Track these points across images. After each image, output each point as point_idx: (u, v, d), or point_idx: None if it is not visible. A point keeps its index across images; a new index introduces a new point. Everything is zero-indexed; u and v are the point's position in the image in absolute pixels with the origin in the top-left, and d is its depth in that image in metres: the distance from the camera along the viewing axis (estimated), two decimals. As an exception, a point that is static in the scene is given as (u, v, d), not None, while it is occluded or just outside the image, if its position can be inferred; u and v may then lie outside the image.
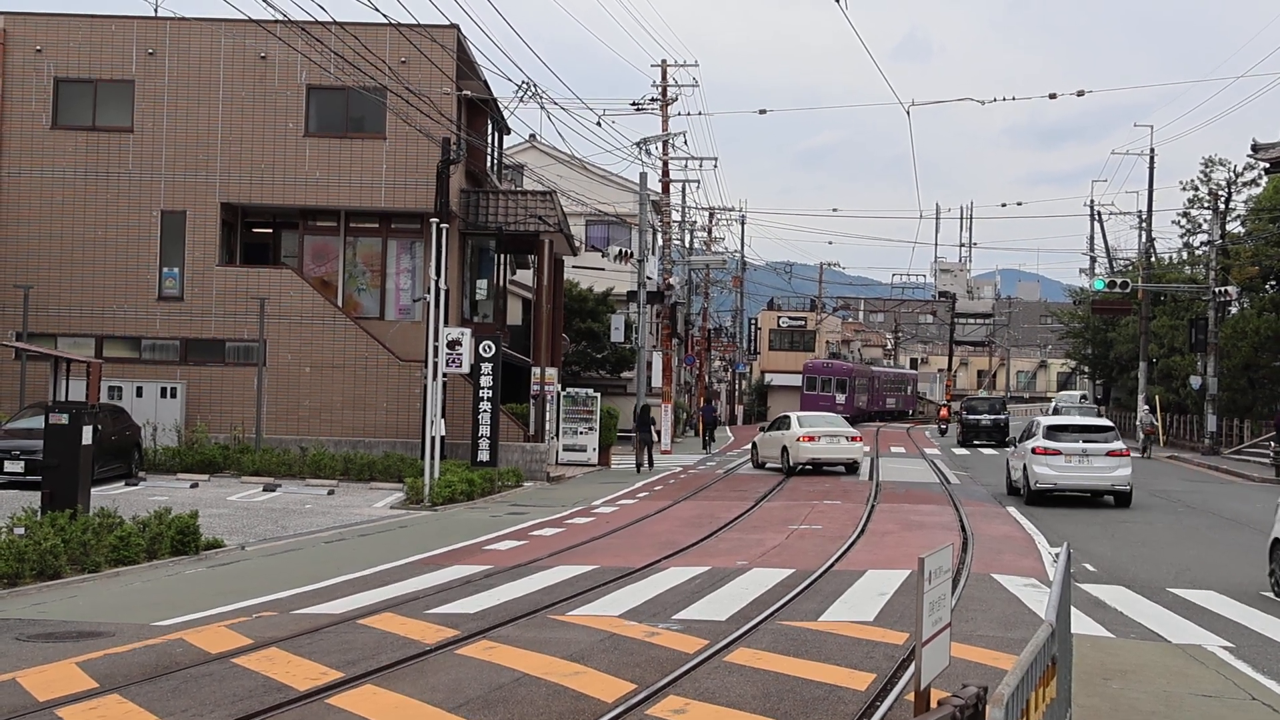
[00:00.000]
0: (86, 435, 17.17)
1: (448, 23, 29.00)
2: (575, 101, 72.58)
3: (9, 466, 23.26)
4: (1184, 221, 55.77)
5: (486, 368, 28.74)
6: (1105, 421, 29.01)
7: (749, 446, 37.97)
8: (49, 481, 17.03)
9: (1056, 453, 24.82)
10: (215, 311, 30.34)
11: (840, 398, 71.17)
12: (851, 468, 33.02)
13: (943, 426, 60.27)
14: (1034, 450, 25.22)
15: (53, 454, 17.02)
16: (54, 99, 30.61)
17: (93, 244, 30.34)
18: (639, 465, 34.18)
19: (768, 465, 34.88)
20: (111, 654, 10.02)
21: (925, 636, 5.84)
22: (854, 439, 33.39)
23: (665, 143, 45.25)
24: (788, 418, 35.09)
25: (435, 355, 25.05)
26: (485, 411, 28.75)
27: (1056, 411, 54.76)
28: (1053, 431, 25.50)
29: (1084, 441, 24.96)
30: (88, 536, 14.88)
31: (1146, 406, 45.19)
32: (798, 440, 32.48)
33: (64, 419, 17.05)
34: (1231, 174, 51.43)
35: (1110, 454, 24.90)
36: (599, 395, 36.21)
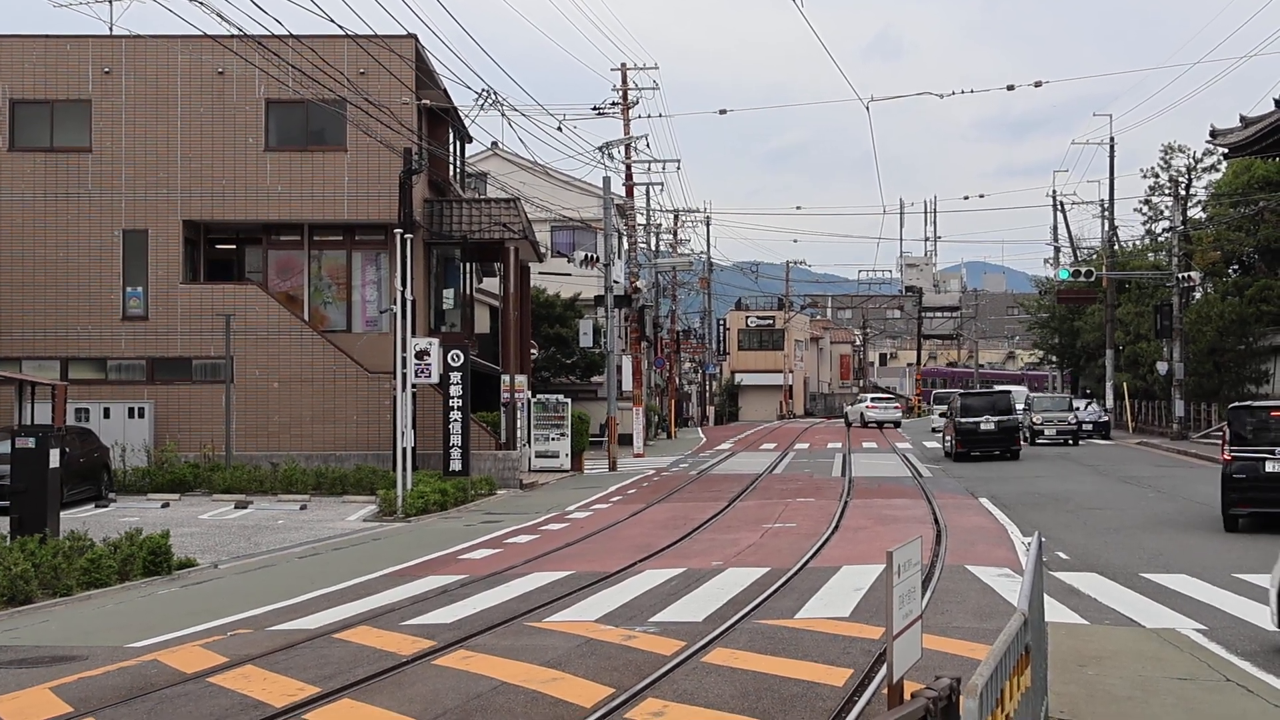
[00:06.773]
0: (54, 458, 17.06)
1: (405, 33, 28.92)
2: (536, 108, 72.75)
3: (-25, 492, 23.00)
4: (1146, 209, 56.09)
5: (456, 377, 28.68)
6: (891, 395, 74.04)
7: (726, 448, 38.15)
8: (17, 506, 16.91)
9: (873, 406, 63.53)
10: (181, 330, 30.13)
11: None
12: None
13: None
14: (866, 406, 64.40)
15: (20, 478, 16.90)
16: (10, 121, 30.34)
17: (55, 266, 30.08)
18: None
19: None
20: (85, 677, 9.94)
21: (896, 630, 5.86)
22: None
23: (628, 146, 45.19)
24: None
25: (404, 366, 24.99)
26: (456, 421, 28.69)
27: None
28: (872, 399, 66.18)
29: (883, 401, 65.46)
30: (58, 560, 14.77)
31: None
32: None
33: (30, 443, 16.93)
34: (1191, 160, 51.66)
35: (895, 407, 64.85)
36: (570, 401, 36.20)
